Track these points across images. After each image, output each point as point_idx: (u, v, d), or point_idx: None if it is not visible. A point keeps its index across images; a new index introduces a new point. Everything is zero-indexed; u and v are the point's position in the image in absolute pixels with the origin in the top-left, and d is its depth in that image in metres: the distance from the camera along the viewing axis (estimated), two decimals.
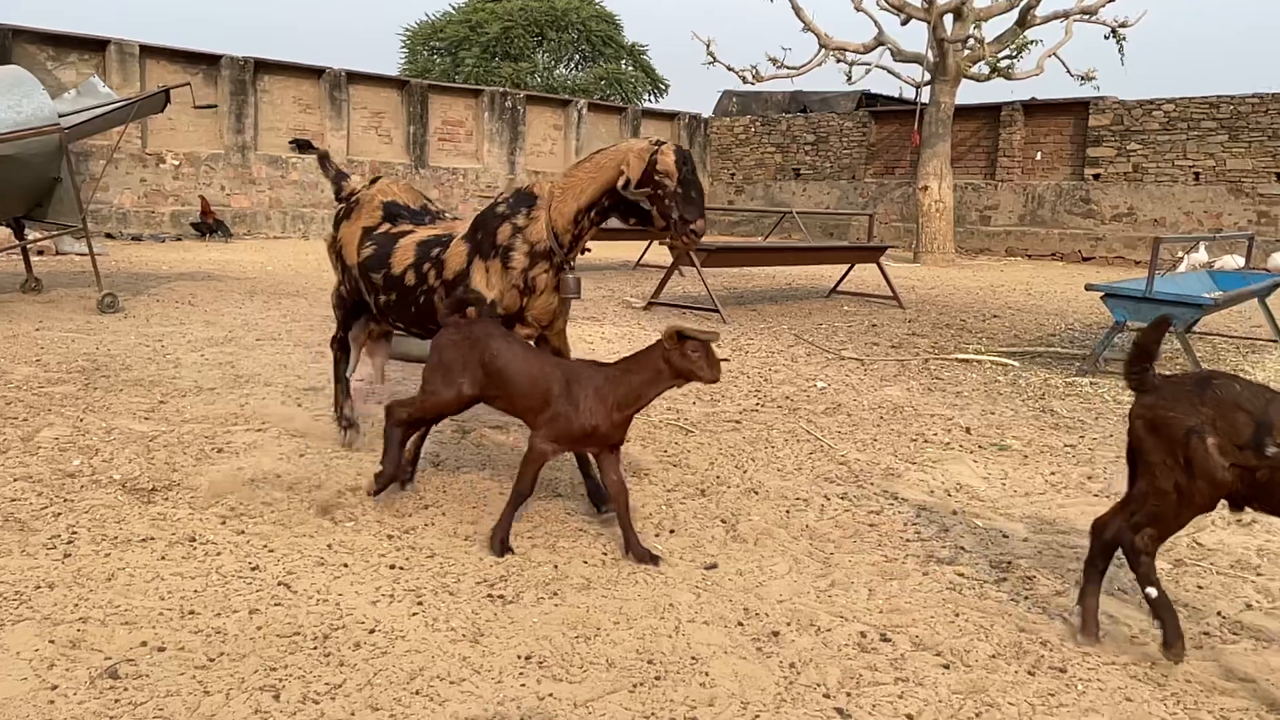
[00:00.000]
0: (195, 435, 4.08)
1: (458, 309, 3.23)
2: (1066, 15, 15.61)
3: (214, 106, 14.54)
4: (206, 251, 12.99)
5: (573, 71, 31.06)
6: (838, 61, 16.77)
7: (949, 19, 15.26)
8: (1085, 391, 5.86)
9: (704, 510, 3.46)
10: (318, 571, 2.77)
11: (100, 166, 13.24)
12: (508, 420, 4.60)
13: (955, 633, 2.56)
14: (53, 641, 2.30)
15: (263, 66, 16.43)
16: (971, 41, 15.47)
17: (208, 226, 14.94)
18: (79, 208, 7.41)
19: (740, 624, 2.56)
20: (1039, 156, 18.32)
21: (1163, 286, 6.44)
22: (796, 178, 21.63)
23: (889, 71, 16.92)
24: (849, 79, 17.15)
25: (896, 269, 13.27)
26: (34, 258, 8.94)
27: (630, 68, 31.18)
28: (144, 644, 2.32)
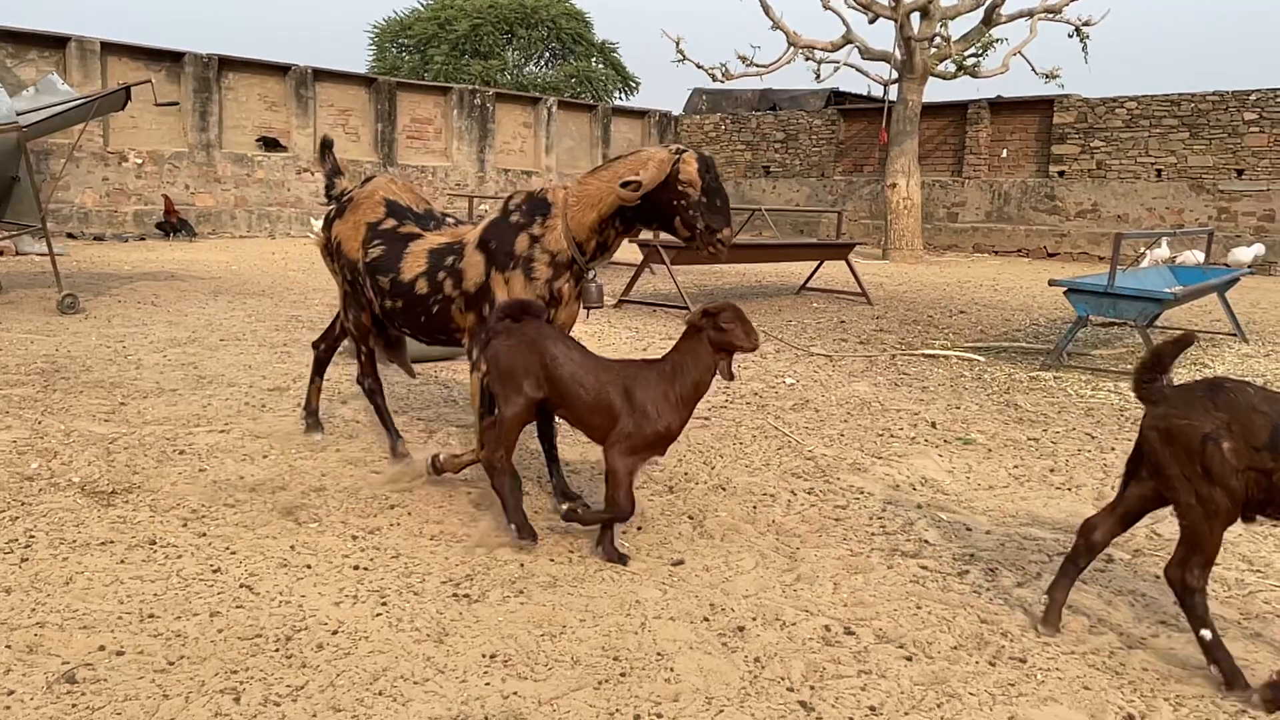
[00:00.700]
0: (156, 437, 4.03)
1: (509, 315, 3.02)
2: (1031, 14, 15.79)
3: (175, 104, 14.35)
4: (170, 251, 12.82)
5: (543, 69, 30.99)
6: (806, 59, 16.84)
7: (916, 17, 15.38)
8: (1049, 386, 5.93)
9: (671, 507, 3.46)
10: (280, 573, 2.75)
11: (61, 165, 13.01)
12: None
13: (918, 625, 2.59)
14: (9, 646, 2.27)
15: (227, 64, 16.24)
16: (938, 40, 15.61)
17: (172, 226, 14.75)
18: (38, 207, 7.29)
19: (706, 619, 2.57)
20: (1005, 154, 18.52)
21: (1124, 282, 6.54)
22: (766, 175, 21.72)
23: (857, 69, 17.04)
24: (818, 77, 17.24)
25: (865, 266, 13.36)
26: None
27: (600, 65, 31.15)
28: (102, 648, 2.29)
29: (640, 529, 3.23)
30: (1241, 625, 2.66)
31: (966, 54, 15.87)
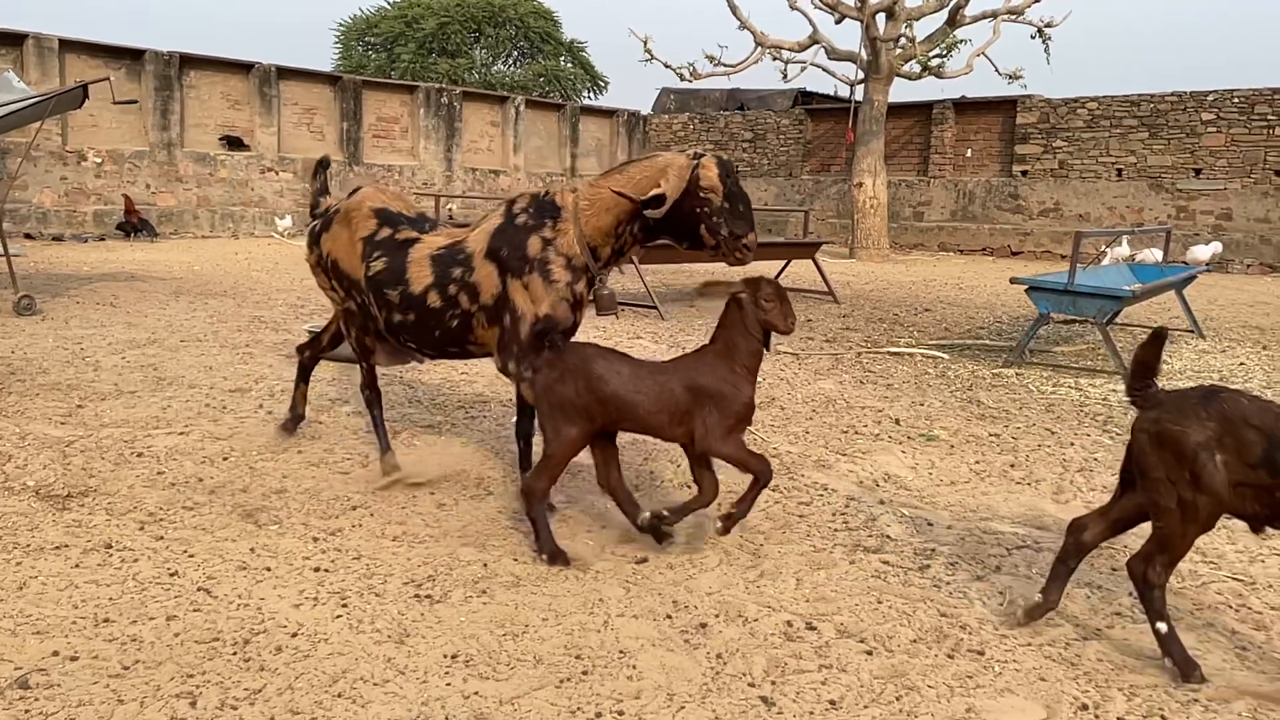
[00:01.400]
0: (114, 440, 3.96)
1: (547, 344, 2.96)
2: (994, 15, 15.97)
3: (134, 102, 14.12)
4: (131, 252, 12.62)
5: (511, 68, 30.88)
6: (774, 59, 16.92)
7: (881, 18, 15.50)
8: (1011, 382, 6.01)
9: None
10: (239, 576, 2.72)
11: (18, 164, 12.79)
12: (439, 420, 4.57)
13: (879, 619, 2.61)
14: None
15: (189, 61, 16.02)
16: (903, 40, 15.74)
17: (132, 226, 14.52)
18: None
19: (669, 617, 2.58)
20: (969, 154, 18.72)
21: (1084, 280, 6.63)
22: None
23: (824, 70, 17.14)
24: (785, 77, 17.32)
25: (832, 264, 13.44)
26: None
27: (569, 64, 31.09)
28: (56, 653, 2.25)
29: (605, 527, 3.23)
30: (1194, 615, 2.71)
31: (931, 55, 16.03)
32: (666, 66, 17.37)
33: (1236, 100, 15.62)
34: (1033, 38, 16.15)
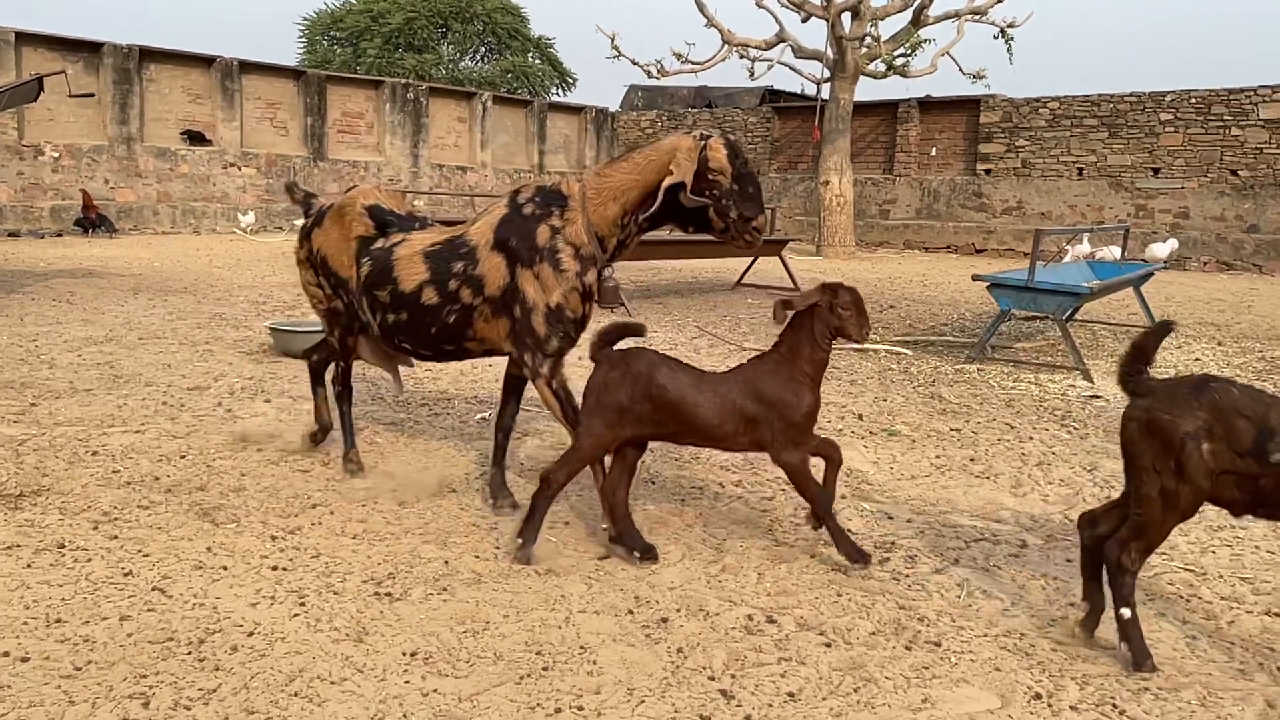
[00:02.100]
0: (68, 438, 3.90)
1: (609, 342, 2.88)
2: (958, 15, 16.14)
3: (91, 95, 13.87)
4: (89, 248, 12.41)
5: (478, 64, 30.73)
6: (741, 57, 16.98)
7: (847, 17, 15.61)
8: (972, 378, 6.08)
9: (599, 501, 3.46)
10: (195, 575, 2.68)
11: None
12: (402, 418, 4.54)
13: (838, 612, 2.63)
14: None
15: (149, 54, 15.78)
16: (869, 40, 15.86)
17: (90, 222, 14.27)
18: None
19: (631, 612, 2.58)
20: (934, 152, 18.91)
21: (1044, 276, 6.72)
22: None
23: (790, 68, 17.24)
24: (752, 75, 17.39)
25: (799, 262, 13.51)
26: None
27: (537, 61, 30.99)
28: (6, 654, 2.21)
29: (568, 524, 3.23)
30: (1146, 605, 2.76)
31: (896, 54, 16.15)
32: (634, 64, 17.36)
33: (1194, 101, 15.92)
34: (996, 38, 16.35)
